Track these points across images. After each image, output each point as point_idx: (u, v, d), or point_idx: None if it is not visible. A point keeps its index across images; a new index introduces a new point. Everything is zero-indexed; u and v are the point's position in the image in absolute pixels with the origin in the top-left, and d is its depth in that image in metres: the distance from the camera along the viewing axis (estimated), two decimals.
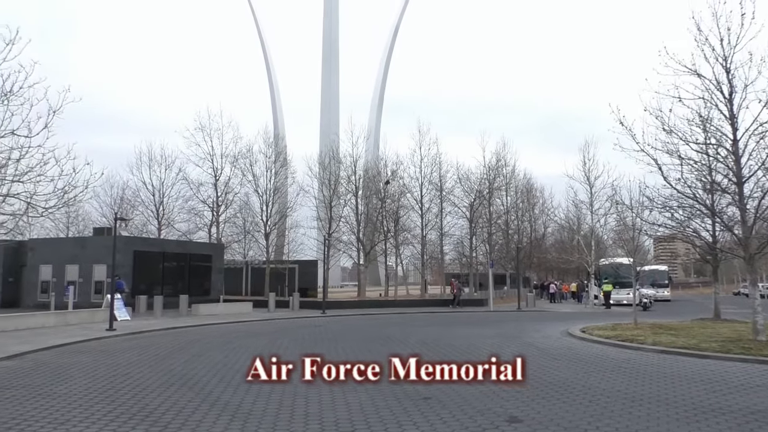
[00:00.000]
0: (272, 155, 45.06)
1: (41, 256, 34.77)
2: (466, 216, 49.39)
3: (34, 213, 18.17)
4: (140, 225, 44.56)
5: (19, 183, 17.37)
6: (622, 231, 30.29)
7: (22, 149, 17.16)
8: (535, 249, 58.25)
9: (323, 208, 46.48)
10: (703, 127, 16.92)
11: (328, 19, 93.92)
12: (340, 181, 47.26)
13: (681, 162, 17.53)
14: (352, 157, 48.02)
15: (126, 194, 44.99)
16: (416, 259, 54.17)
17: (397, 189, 49.01)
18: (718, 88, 16.60)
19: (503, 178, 52.13)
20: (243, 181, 44.29)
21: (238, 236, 44.91)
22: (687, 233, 21.84)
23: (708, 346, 15.14)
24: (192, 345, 17.40)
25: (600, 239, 47.73)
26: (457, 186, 50.16)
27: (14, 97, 16.94)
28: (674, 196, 18.37)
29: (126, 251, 32.22)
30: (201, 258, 38.67)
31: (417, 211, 48.96)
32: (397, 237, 48.84)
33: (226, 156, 43.73)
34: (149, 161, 43.84)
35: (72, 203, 20.22)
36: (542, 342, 17.90)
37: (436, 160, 49.53)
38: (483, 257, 51.42)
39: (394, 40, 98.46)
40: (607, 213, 40.75)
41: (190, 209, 44.24)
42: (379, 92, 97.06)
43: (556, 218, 58.89)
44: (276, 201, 44.83)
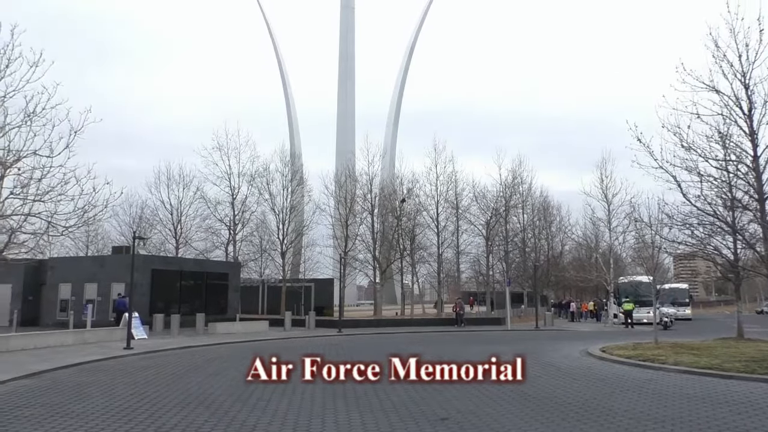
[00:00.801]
0: (289, 174, 45.36)
1: (61, 274, 35.14)
2: (482, 234, 49.15)
3: (55, 232, 18.43)
4: (158, 244, 44.95)
5: (40, 202, 17.65)
6: (641, 249, 29.95)
7: (43, 169, 17.48)
8: (553, 267, 57.64)
9: (339, 226, 46.54)
10: (722, 143, 16.75)
11: (345, 38, 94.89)
12: (356, 199, 47.35)
13: (700, 179, 17.35)
14: (368, 176, 48.23)
15: (144, 213, 45.53)
16: (432, 278, 53.90)
17: (412, 207, 48.97)
18: (737, 104, 16.46)
19: (520, 195, 51.88)
20: (260, 200, 44.61)
21: (255, 255, 45.06)
22: (708, 251, 21.52)
23: (732, 366, 14.80)
24: (208, 364, 17.40)
25: (619, 257, 47.20)
26: (473, 204, 50.06)
27: (37, 117, 17.31)
28: (694, 213, 18.16)
29: (144, 270, 32.46)
30: (218, 276, 38.85)
31: (433, 229, 48.84)
32: (413, 255, 48.68)
33: (243, 175, 44.10)
34: (168, 180, 44.38)
35: (92, 222, 20.50)
36: (562, 361, 17.64)
37: (452, 178, 49.56)
38: (500, 275, 51.03)
39: (409, 59, 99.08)
40: (625, 230, 40.34)
41: (208, 228, 44.57)
42: (395, 110, 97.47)
43: (574, 236, 58.34)
44: (292, 219, 45.00)
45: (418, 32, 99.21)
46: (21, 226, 17.68)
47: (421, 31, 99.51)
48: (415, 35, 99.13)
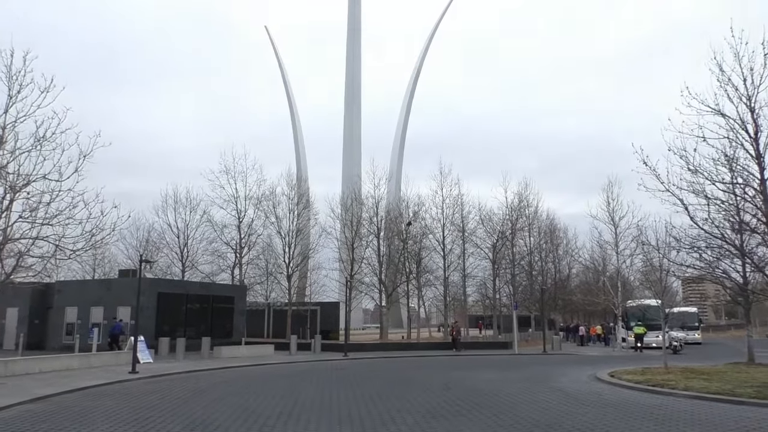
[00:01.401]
0: (295, 197, 45.51)
1: (67, 298, 35.18)
2: (488, 257, 48.97)
3: (62, 255, 18.50)
4: (164, 267, 45.01)
5: (48, 226, 17.76)
6: (649, 272, 29.75)
7: (52, 193, 17.62)
8: (560, 290, 57.29)
9: (345, 249, 46.51)
10: (729, 166, 16.72)
11: (351, 62, 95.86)
12: (362, 222, 47.37)
13: (708, 202, 17.28)
14: (374, 199, 48.28)
15: (151, 236, 45.69)
16: (439, 301, 53.60)
17: (419, 230, 48.90)
18: (743, 128, 16.47)
19: (526, 218, 51.81)
20: (266, 223, 44.70)
21: (261, 278, 45.03)
22: (716, 274, 21.34)
23: (743, 392, 14.59)
24: (213, 388, 17.29)
25: (626, 280, 46.86)
26: (479, 227, 49.95)
27: (47, 142, 17.52)
28: (702, 237, 18.07)
29: (150, 293, 32.47)
30: (223, 300, 38.81)
31: (439, 252, 48.70)
32: (420, 278, 48.49)
33: (250, 198, 44.29)
34: (174, 204, 44.60)
35: (99, 246, 20.61)
36: (570, 386, 17.43)
37: (458, 201, 49.53)
38: (506, 299, 50.73)
39: (415, 83, 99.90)
40: (633, 254, 40.15)
41: (214, 251, 44.65)
42: (401, 134, 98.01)
43: (581, 259, 58.10)
44: (298, 243, 45.01)
45: (423, 57, 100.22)
46: (29, 249, 17.77)
47: (426, 55, 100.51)
48: (420, 60, 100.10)
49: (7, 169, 17.30)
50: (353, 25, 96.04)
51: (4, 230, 17.17)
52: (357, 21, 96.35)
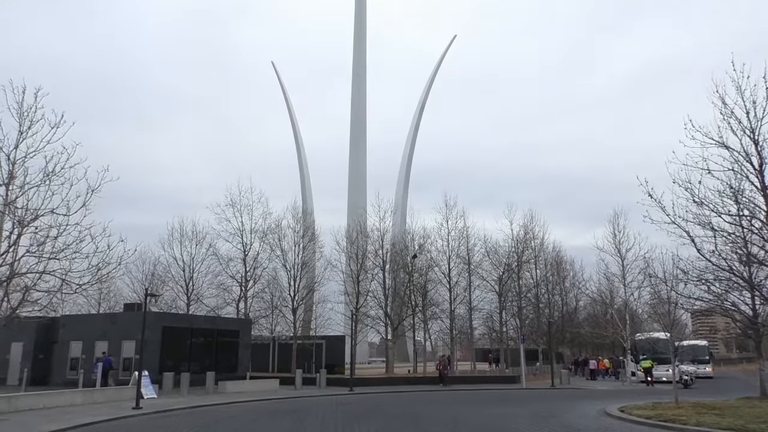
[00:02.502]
0: (300, 230, 45.57)
1: (72, 332, 35.05)
2: (495, 290, 48.67)
3: (68, 290, 18.54)
4: (169, 300, 44.87)
5: (55, 260, 17.84)
6: (657, 305, 29.45)
7: (60, 227, 17.75)
8: (568, 323, 56.65)
9: (351, 282, 46.32)
10: (734, 198, 16.71)
11: (357, 95, 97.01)
12: (367, 255, 47.30)
13: (714, 234, 17.24)
14: (380, 232, 48.28)
15: (157, 270, 45.64)
16: (445, 334, 53.11)
17: (424, 263, 48.76)
18: (748, 160, 16.52)
19: (532, 250, 51.56)
20: (271, 256, 44.64)
21: (266, 311, 44.80)
22: (725, 307, 21.12)
23: (756, 428, 14.30)
24: (217, 424, 17.08)
25: (634, 313, 46.40)
26: (485, 259, 49.71)
27: (55, 177, 17.72)
28: (709, 269, 17.96)
29: (155, 327, 32.32)
30: (228, 334, 38.57)
31: (445, 285, 48.43)
32: (425, 311, 48.15)
33: (256, 231, 44.33)
34: (180, 237, 44.67)
35: (105, 280, 20.62)
36: (579, 422, 17.14)
37: (464, 233, 49.42)
38: (513, 332, 50.22)
39: (420, 116, 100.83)
40: (640, 286, 39.80)
41: (219, 284, 44.50)
42: (406, 166, 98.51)
43: (588, 291, 57.62)
44: (304, 275, 44.90)
45: (428, 90, 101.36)
46: (35, 283, 17.82)
47: (431, 88, 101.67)
48: (425, 93, 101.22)
49: (15, 204, 17.47)
50: (359, 60, 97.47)
51: (12, 264, 17.25)
52: (362, 55, 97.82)
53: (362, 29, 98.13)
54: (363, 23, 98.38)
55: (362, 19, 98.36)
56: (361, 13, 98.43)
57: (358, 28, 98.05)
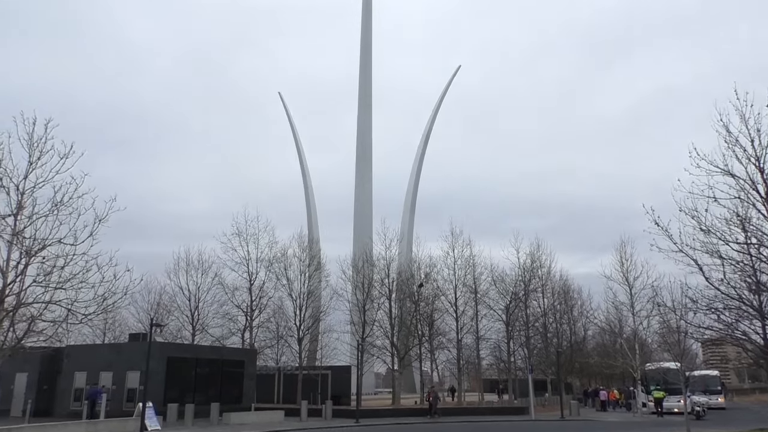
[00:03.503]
0: (306, 259, 45.55)
1: (76, 362, 34.88)
2: (502, 319, 48.25)
3: (74, 320, 18.47)
4: (175, 330, 44.70)
5: (62, 290, 17.83)
6: (667, 334, 29.12)
7: (67, 257, 17.78)
8: (576, 353, 56.02)
9: (357, 311, 46.09)
10: (742, 226, 16.61)
11: (362, 125, 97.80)
12: (373, 284, 47.12)
13: (722, 262, 17.08)
14: (386, 260, 48.16)
15: (163, 299, 45.58)
16: (452, 364, 52.57)
17: (430, 292, 48.52)
18: (754, 188, 16.45)
19: (539, 279, 51.23)
20: (277, 285, 44.58)
21: (271, 341, 44.53)
22: (736, 336, 20.81)
23: None
24: None
25: (644, 342, 45.82)
26: (492, 288, 49.41)
27: (63, 207, 17.82)
28: (719, 297, 17.74)
29: (160, 358, 32.13)
30: (233, 364, 38.28)
31: (451, 314, 48.11)
32: (432, 341, 47.75)
33: (262, 260, 44.36)
34: (186, 266, 44.73)
35: (111, 310, 20.55)
36: None
37: (470, 262, 49.25)
38: (521, 362, 49.63)
39: (425, 144, 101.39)
40: (649, 315, 39.36)
41: (225, 314, 44.37)
42: (412, 194, 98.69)
43: (596, 320, 57.02)
44: (310, 305, 44.74)
45: (433, 120, 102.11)
46: (41, 313, 17.79)
47: (437, 117, 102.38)
48: (431, 122, 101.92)
49: (24, 234, 17.56)
50: (365, 89, 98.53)
51: (18, 294, 17.26)
52: (368, 84, 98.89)
53: (368, 59, 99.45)
54: (369, 53, 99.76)
55: (368, 49, 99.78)
56: (366, 43, 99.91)
57: (364, 57, 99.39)
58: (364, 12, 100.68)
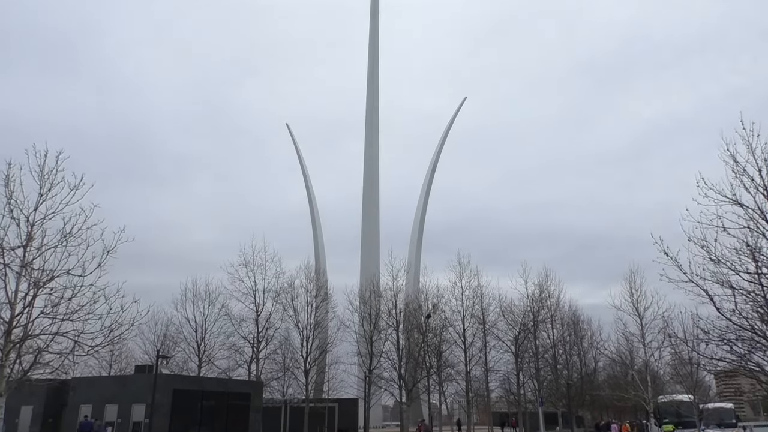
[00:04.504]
0: (313, 290, 45.40)
1: (82, 395, 34.63)
2: (511, 350, 47.72)
3: (80, 351, 18.42)
4: (181, 362, 44.43)
5: (69, 321, 17.82)
6: (679, 365, 28.68)
7: (74, 288, 17.82)
8: (587, 385, 55.15)
9: (364, 343, 45.72)
10: (752, 256, 16.46)
11: (369, 154, 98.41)
12: (380, 315, 46.82)
13: (733, 292, 16.86)
14: (393, 291, 47.93)
15: (169, 330, 45.43)
16: (461, 397, 51.87)
17: (438, 323, 48.13)
18: (763, 218, 16.34)
19: (548, 309, 50.79)
20: (284, 316, 44.35)
21: (278, 373, 44.14)
22: (749, 367, 20.45)
23: None
24: None
25: (656, 374, 45.08)
26: (500, 319, 48.99)
27: (72, 238, 17.94)
28: (731, 328, 17.47)
29: (165, 390, 31.87)
30: (239, 397, 37.88)
31: (460, 345, 47.62)
32: (440, 373, 47.16)
33: (269, 291, 44.21)
34: (194, 297, 44.61)
35: (117, 341, 20.48)
36: None
37: (478, 292, 48.97)
38: (531, 394, 48.91)
39: (432, 175, 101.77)
40: (660, 346, 38.77)
41: (231, 346, 44.10)
42: (419, 225, 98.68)
43: (607, 352, 56.21)
44: (316, 336, 44.44)
45: (440, 150, 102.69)
46: (48, 345, 17.75)
47: (443, 147, 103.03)
48: (437, 153, 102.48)
49: (32, 265, 17.64)
50: (371, 118, 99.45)
51: (25, 326, 17.26)
52: (375, 114, 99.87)
53: (375, 89, 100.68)
54: (375, 83, 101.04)
55: (374, 79, 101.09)
56: (373, 73, 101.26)
57: (371, 88, 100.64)
58: (371, 43, 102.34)
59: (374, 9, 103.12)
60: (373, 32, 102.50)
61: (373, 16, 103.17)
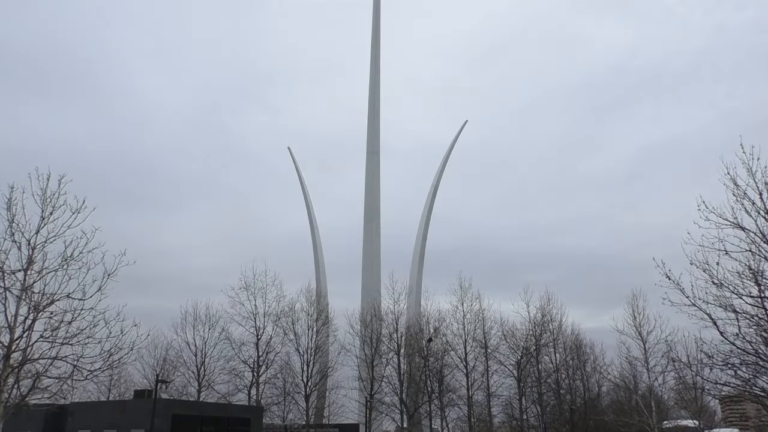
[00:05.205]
0: (314, 313, 45.23)
1: (80, 420, 34.23)
2: (513, 375, 47.27)
3: (79, 376, 18.29)
4: (180, 387, 44.03)
5: (68, 345, 17.72)
6: (683, 390, 28.39)
7: (74, 312, 17.76)
8: (591, 410, 54.46)
9: (365, 367, 45.35)
10: (755, 280, 16.40)
11: (370, 177, 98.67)
12: (381, 339, 46.52)
13: (737, 316, 16.78)
14: (394, 314, 47.70)
15: (169, 355, 45.11)
16: (463, 422, 51.19)
17: (440, 347, 47.77)
18: (765, 241, 16.33)
19: (550, 333, 50.45)
20: (284, 340, 44.15)
21: (278, 398, 43.72)
22: (754, 392, 20.24)
23: None
24: None
25: (660, 399, 44.58)
26: (502, 343, 48.61)
27: (73, 261, 17.93)
28: (735, 352, 17.34)
29: (164, 415, 31.50)
30: (239, 422, 37.41)
31: (461, 369, 47.19)
32: (442, 398, 46.65)
33: (269, 314, 44.07)
34: (194, 321, 44.46)
35: (116, 365, 20.34)
36: None
37: (479, 316, 48.65)
38: (534, 420, 48.32)
39: (433, 198, 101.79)
40: (664, 370, 38.45)
41: (231, 370, 43.79)
42: (420, 248, 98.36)
43: (610, 376, 55.66)
44: (317, 360, 44.14)
45: (441, 173, 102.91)
46: (47, 369, 17.63)
47: (444, 170, 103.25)
48: (438, 176, 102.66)
49: (33, 289, 17.60)
50: (372, 141, 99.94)
51: (24, 350, 17.16)
52: (376, 136, 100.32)
53: (375, 112, 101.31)
54: (376, 107, 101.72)
55: (375, 103, 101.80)
56: (374, 97, 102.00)
57: (372, 111, 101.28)
58: (372, 67, 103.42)
59: (375, 38, 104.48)
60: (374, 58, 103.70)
61: (374, 47, 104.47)
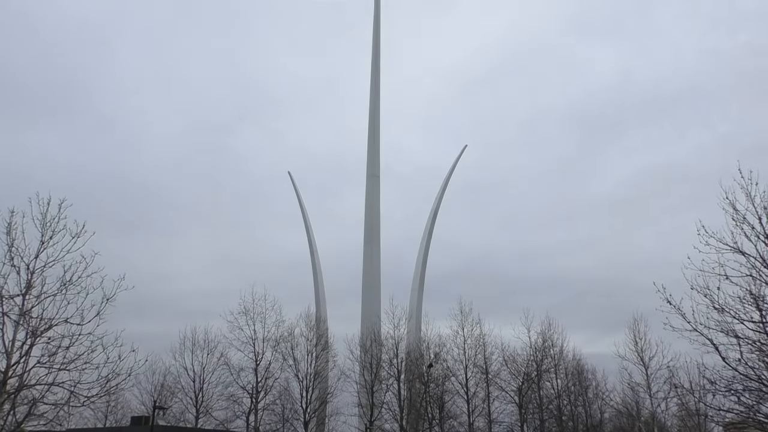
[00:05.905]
0: (314, 338, 44.89)
1: None
2: (514, 401, 46.75)
3: (76, 402, 18.09)
4: (178, 413, 43.47)
5: (65, 371, 17.56)
6: (686, 417, 28.08)
7: (72, 337, 17.64)
8: None
9: (365, 393, 44.87)
10: (756, 305, 16.35)
11: (370, 202, 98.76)
12: (381, 364, 46.09)
13: (739, 341, 16.69)
14: (394, 339, 47.27)
15: (167, 380, 44.55)
16: None
17: (440, 372, 47.31)
18: (765, 265, 16.31)
19: (551, 359, 50.04)
20: (284, 366, 43.69)
21: (277, 425, 43.14)
22: (758, 419, 20.01)
23: None
24: None
25: (663, 425, 44.06)
26: (503, 368, 48.15)
27: (72, 286, 17.87)
28: (737, 378, 17.21)
29: None
30: None
31: (462, 395, 46.65)
32: (443, 424, 46.05)
33: (268, 340, 43.69)
34: (192, 346, 44.02)
35: (114, 392, 20.12)
36: None
37: (480, 341, 48.24)
38: None
39: (433, 223, 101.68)
40: (667, 397, 38.07)
41: (229, 396, 43.27)
42: (420, 272, 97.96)
43: (612, 402, 55.05)
44: (316, 386, 43.67)
45: (440, 198, 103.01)
46: (43, 396, 17.45)
47: (444, 194, 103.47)
48: (438, 201, 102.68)
49: (31, 314, 17.51)
50: (373, 167, 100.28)
51: (21, 376, 17.01)
52: (376, 159, 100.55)
53: (375, 136, 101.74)
54: (376, 131, 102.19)
55: (375, 127, 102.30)
56: (375, 119, 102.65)
57: (372, 133, 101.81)
58: (373, 91, 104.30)
59: (375, 60, 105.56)
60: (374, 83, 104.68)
61: (374, 70, 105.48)
